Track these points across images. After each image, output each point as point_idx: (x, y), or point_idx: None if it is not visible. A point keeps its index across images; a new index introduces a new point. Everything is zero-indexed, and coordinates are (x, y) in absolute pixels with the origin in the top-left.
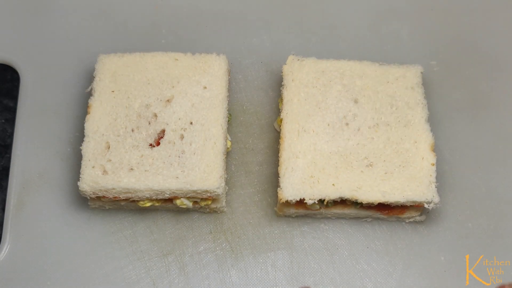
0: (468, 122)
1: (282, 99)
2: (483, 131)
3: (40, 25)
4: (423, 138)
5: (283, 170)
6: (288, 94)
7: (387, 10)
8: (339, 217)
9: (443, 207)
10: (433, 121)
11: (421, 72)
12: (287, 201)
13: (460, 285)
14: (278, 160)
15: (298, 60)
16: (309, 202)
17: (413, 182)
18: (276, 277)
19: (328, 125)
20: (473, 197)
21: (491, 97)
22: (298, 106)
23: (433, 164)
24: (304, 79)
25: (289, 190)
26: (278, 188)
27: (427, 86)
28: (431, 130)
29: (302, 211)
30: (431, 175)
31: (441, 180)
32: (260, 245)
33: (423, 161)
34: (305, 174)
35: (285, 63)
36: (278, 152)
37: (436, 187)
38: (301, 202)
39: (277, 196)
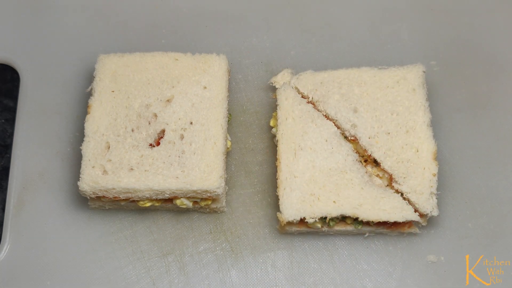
0: (468, 122)
1: (275, 118)
2: (483, 131)
3: (40, 25)
4: (425, 146)
5: (282, 191)
6: (282, 113)
7: (387, 10)
8: (341, 234)
9: (443, 207)
10: (433, 121)
11: (423, 72)
12: (289, 221)
13: (460, 285)
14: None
15: (295, 75)
16: (310, 220)
17: (413, 197)
18: (276, 277)
19: (326, 141)
20: (473, 197)
21: (491, 97)
22: (293, 124)
23: (435, 175)
24: (301, 92)
25: (289, 211)
26: (278, 212)
27: (427, 86)
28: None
29: (304, 229)
30: (432, 186)
31: (441, 180)
32: (260, 245)
33: (424, 172)
34: (304, 193)
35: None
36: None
37: (437, 199)
38: (302, 221)
39: (277, 197)
